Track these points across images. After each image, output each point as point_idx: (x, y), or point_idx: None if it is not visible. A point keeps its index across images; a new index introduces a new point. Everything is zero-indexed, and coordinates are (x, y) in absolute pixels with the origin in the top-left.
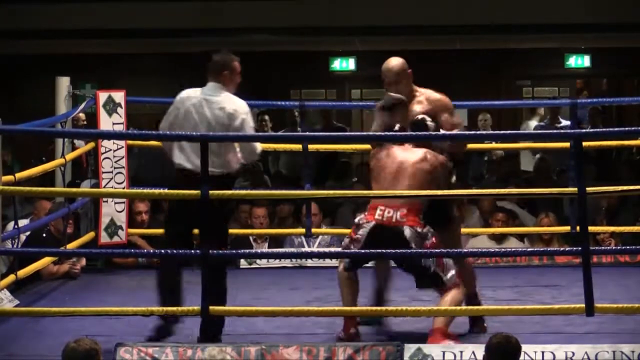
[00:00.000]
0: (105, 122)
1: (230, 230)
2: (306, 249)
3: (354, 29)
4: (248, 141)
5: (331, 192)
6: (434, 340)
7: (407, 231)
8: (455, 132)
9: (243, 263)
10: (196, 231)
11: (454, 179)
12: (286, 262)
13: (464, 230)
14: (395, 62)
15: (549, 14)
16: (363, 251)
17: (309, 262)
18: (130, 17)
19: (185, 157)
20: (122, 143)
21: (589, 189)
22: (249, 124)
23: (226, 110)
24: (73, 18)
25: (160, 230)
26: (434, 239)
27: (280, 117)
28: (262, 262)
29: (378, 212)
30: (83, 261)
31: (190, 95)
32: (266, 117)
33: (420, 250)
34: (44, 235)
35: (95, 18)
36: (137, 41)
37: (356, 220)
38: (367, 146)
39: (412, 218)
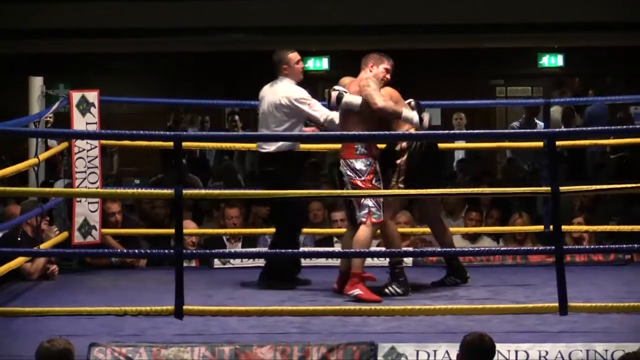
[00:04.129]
0: (79, 122)
1: (205, 230)
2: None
3: (328, 28)
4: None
5: (305, 191)
6: (350, 285)
7: (342, 163)
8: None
9: (217, 263)
10: None
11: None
12: (260, 262)
13: None
14: None
15: (522, 13)
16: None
17: None
18: (104, 16)
19: None
20: (95, 143)
21: (562, 188)
22: (303, 105)
23: (279, 95)
24: (46, 18)
25: (133, 230)
26: (369, 177)
27: (254, 116)
28: (236, 262)
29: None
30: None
31: (264, 88)
32: (236, 118)
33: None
34: (19, 239)
35: (69, 18)
36: (111, 41)
37: None
38: (339, 146)
39: (347, 150)
